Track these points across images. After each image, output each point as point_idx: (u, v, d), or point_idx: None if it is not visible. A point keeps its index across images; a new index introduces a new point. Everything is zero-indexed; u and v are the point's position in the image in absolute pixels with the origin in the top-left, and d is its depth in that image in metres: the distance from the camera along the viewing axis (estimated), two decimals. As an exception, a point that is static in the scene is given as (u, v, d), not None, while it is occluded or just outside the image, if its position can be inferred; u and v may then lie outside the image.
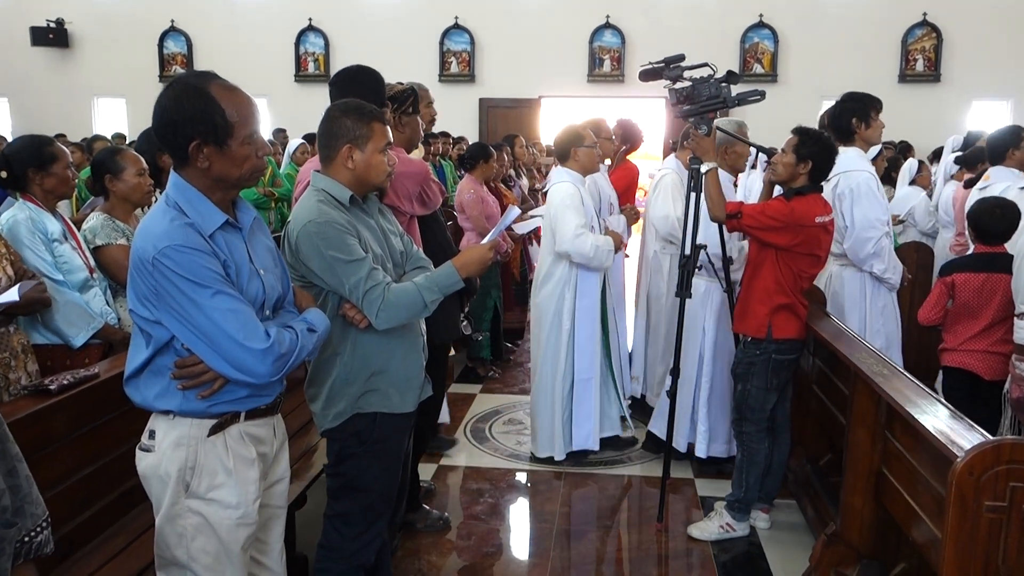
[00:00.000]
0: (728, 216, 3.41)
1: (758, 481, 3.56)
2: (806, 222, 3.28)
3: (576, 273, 4.23)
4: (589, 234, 4.12)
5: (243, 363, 1.86)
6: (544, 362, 4.31)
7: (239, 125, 1.86)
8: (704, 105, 3.54)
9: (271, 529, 2.18)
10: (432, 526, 3.65)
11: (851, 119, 3.96)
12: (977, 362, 3.65)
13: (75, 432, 2.50)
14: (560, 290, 4.25)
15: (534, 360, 4.41)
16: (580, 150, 4.24)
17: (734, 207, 3.40)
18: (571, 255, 4.15)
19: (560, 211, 4.14)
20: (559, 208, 4.15)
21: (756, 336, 3.42)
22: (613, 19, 12.79)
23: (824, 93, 12.59)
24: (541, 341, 4.32)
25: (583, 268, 4.21)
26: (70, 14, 13.68)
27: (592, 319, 4.29)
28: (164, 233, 1.82)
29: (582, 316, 4.26)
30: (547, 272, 4.30)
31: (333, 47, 13.37)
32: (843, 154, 3.63)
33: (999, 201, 3.73)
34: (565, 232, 4.11)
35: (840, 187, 3.83)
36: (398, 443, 2.54)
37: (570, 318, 4.24)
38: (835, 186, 3.82)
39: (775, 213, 3.30)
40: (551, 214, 4.24)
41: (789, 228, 3.28)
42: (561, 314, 4.24)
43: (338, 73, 3.09)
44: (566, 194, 4.17)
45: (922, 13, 12.21)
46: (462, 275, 2.40)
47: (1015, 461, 2.04)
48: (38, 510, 1.58)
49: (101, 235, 3.32)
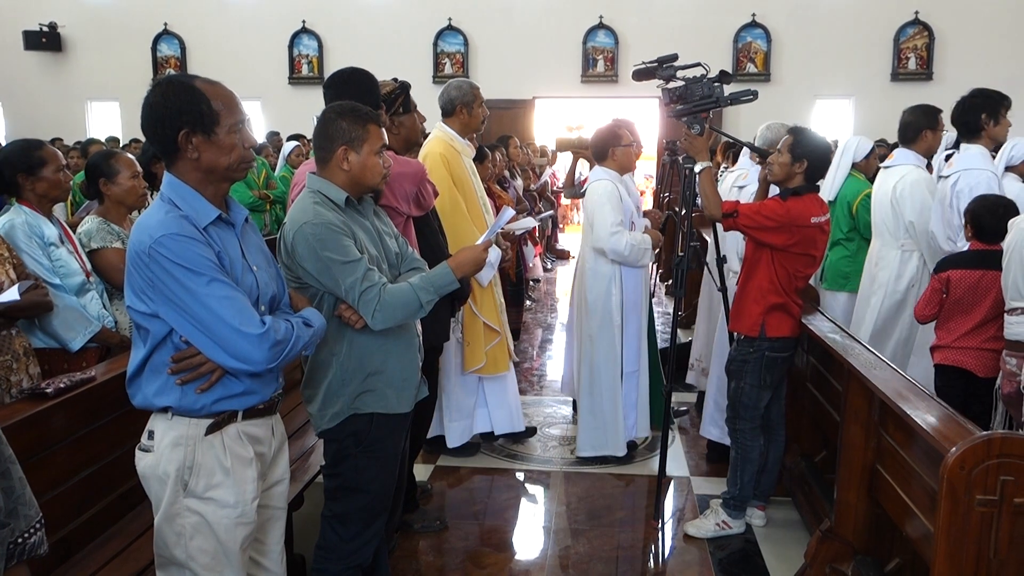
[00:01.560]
0: (724, 215, 3.43)
1: (753, 478, 3.57)
2: (802, 222, 3.30)
3: (620, 269, 4.26)
4: (625, 232, 4.15)
5: (239, 349, 1.87)
6: (603, 361, 4.30)
7: (224, 114, 1.91)
8: (697, 105, 3.56)
9: (271, 530, 2.19)
10: (429, 527, 3.66)
11: (980, 115, 3.94)
12: (970, 359, 3.66)
13: (73, 435, 2.51)
14: (607, 286, 4.27)
15: (588, 360, 4.35)
16: (618, 149, 4.27)
17: (730, 206, 3.42)
18: (606, 252, 4.19)
19: (598, 207, 4.18)
20: (597, 204, 4.19)
21: (749, 335, 3.44)
22: (606, 19, 12.82)
23: (817, 92, 12.66)
24: (595, 340, 4.31)
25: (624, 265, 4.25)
26: (63, 18, 13.66)
27: (638, 314, 4.35)
28: (160, 223, 1.86)
29: (629, 311, 4.31)
30: (592, 269, 4.31)
31: (327, 49, 13.38)
32: (965, 151, 3.63)
33: (999, 199, 3.75)
34: (601, 229, 4.15)
35: (959, 184, 3.84)
36: (395, 443, 2.55)
37: (619, 313, 4.28)
38: (954, 183, 3.83)
39: (771, 213, 3.32)
40: (589, 210, 4.29)
41: (784, 228, 3.30)
42: (610, 310, 4.27)
43: (332, 75, 3.10)
44: (604, 191, 4.19)
45: (914, 12, 12.27)
46: (457, 275, 2.42)
47: (1006, 455, 2.06)
48: (31, 512, 1.59)
49: (96, 238, 3.33)
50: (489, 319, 4.21)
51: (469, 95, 4.15)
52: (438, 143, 4.11)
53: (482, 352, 4.22)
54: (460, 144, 4.16)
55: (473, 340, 4.21)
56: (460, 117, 4.16)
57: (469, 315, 4.17)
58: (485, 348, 4.22)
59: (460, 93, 4.15)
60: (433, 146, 4.10)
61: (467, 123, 4.18)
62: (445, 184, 3.90)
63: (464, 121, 4.17)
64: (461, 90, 4.17)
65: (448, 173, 4.01)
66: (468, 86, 4.19)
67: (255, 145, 2.09)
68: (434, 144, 4.11)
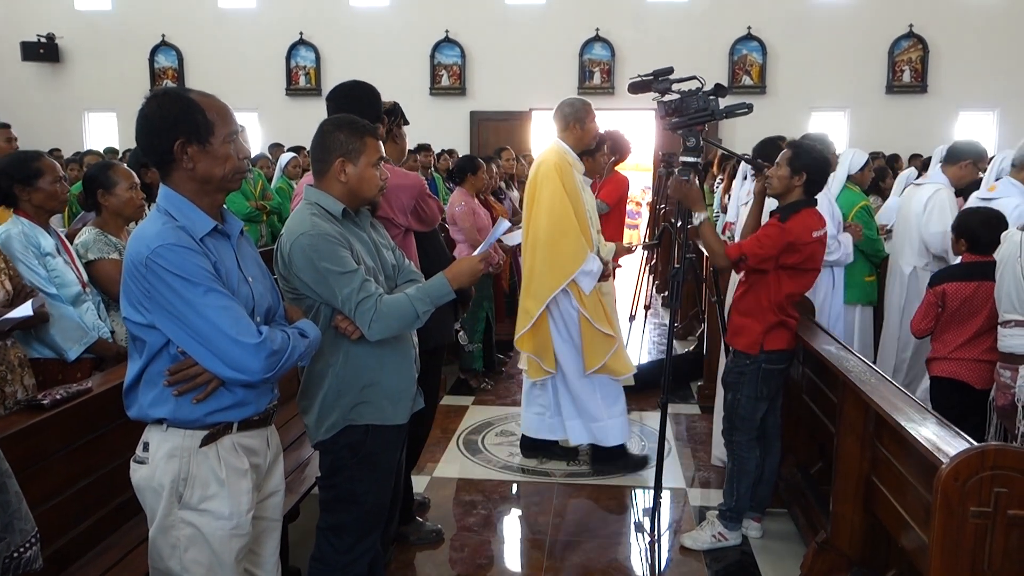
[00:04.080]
0: (733, 263, 3.40)
1: (749, 490, 3.57)
2: (805, 239, 3.29)
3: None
4: None
5: (236, 359, 1.88)
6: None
7: (219, 124, 1.93)
8: (692, 118, 3.58)
9: (266, 542, 2.19)
10: (425, 538, 3.66)
11: None
12: (966, 371, 3.67)
13: (68, 446, 2.51)
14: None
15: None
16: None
17: (735, 252, 3.36)
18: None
19: None
20: None
21: (748, 352, 3.43)
22: (603, 32, 12.87)
23: (812, 105, 12.72)
24: None
25: None
26: (60, 29, 13.68)
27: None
28: (157, 234, 1.87)
29: None
30: None
31: (324, 61, 13.41)
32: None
33: (991, 212, 3.77)
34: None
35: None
36: (391, 455, 2.55)
37: None
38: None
39: (775, 242, 3.29)
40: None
41: (791, 248, 3.29)
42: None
43: (335, 88, 3.14)
44: None
45: (908, 24, 12.34)
46: (453, 286, 2.43)
47: (999, 467, 2.07)
48: (27, 526, 1.59)
49: (93, 249, 3.33)
50: (602, 326, 4.21)
51: (581, 111, 4.25)
52: (553, 154, 4.22)
53: (601, 352, 4.24)
54: (573, 158, 4.26)
55: (589, 342, 4.23)
56: (573, 132, 4.26)
57: (584, 323, 4.20)
58: (606, 356, 4.23)
59: (573, 110, 4.26)
60: (548, 156, 4.22)
61: (580, 138, 4.28)
62: (558, 194, 4.08)
63: (577, 136, 4.27)
64: (574, 107, 4.27)
65: (561, 183, 4.12)
66: (580, 103, 4.29)
67: (249, 155, 2.11)
68: (549, 155, 4.23)
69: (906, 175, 6.24)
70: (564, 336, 4.26)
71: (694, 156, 3.78)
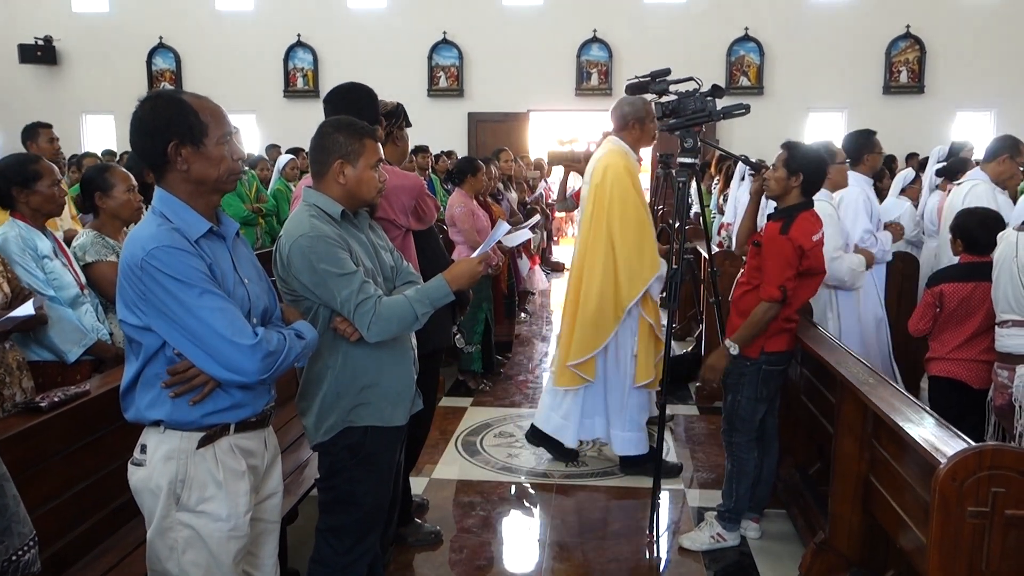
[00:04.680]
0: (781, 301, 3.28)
1: (748, 491, 3.57)
2: (809, 244, 3.29)
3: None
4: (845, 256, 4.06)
5: (232, 360, 1.88)
6: None
7: (212, 126, 1.93)
8: (689, 119, 3.59)
9: (264, 544, 2.19)
10: (424, 540, 3.66)
11: None
12: (964, 371, 3.68)
13: (67, 449, 2.50)
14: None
15: None
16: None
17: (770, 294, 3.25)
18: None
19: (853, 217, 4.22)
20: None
21: (750, 356, 3.42)
22: (600, 33, 12.90)
23: (810, 105, 12.75)
24: None
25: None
26: (58, 31, 13.69)
27: None
28: (151, 236, 1.88)
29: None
30: None
31: (322, 63, 13.43)
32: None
33: (988, 212, 3.78)
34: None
35: None
36: (390, 456, 2.55)
37: None
38: None
39: (789, 261, 3.25)
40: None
41: (802, 254, 3.28)
42: None
43: (332, 90, 3.13)
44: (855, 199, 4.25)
45: (905, 25, 12.37)
46: (452, 288, 2.43)
47: (997, 467, 2.07)
48: (25, 529, 1.59)
49: (91, 252, 3.33)
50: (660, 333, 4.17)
51: (641, 111, 4.18)
52: (619, 156, 4.16)
53: (651, 366, 4.21)
54: (633, 158, 4.23)
55: (644, 352, 4.19)
56: (632, 132, 4.20)
57: (645, 330, 4.17)
58: (655, 361, 4.21)
59: (633, 109, 4.19)
60: (615, 159, 4.15)
61: (639, 137, 4.23)
62: (632, 199, 4.04)
63: (636, 136, 4.22)
64: (634, 106, 4.20)
65: (633, 187, 4.08)
66: (641, 102, 4.20)
67: (243, 157, 2.11)
68: (615, 157, 4.16)
69: (903, 175, 6.25)
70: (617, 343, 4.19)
71: (691, 157, 3.79)
